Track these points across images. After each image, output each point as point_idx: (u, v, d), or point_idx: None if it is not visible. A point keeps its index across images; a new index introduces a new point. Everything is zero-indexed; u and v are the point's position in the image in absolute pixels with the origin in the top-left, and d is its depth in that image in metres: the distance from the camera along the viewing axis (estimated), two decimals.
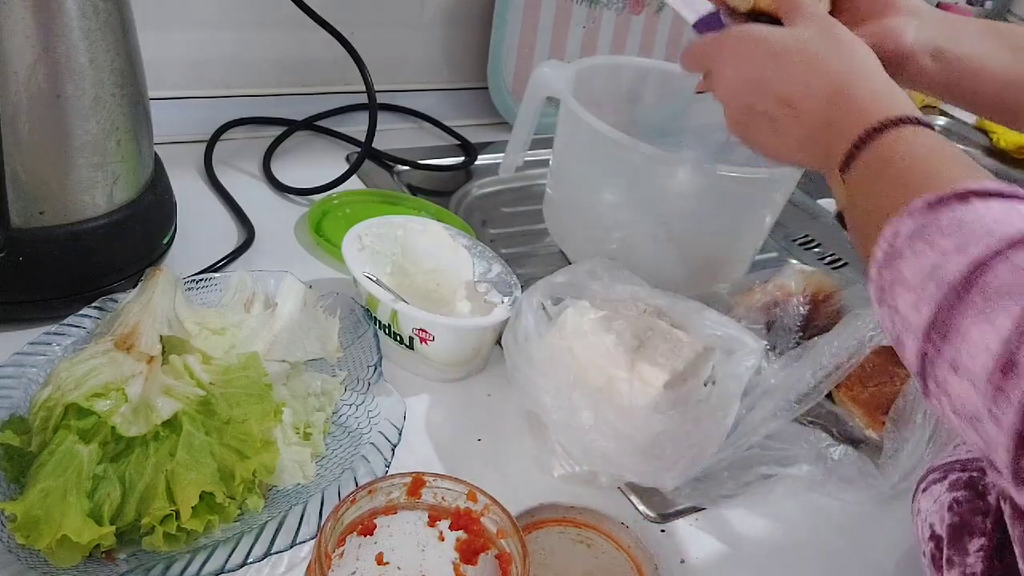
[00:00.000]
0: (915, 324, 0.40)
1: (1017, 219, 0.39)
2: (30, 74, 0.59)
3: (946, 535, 0.53)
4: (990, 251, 0.38)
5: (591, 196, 0.84)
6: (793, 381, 0.65)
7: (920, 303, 0.40)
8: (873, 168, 0.47)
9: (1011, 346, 0.36)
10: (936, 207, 0.41)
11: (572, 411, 0.59)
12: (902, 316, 0.41)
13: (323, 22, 0.82)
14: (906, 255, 0.41)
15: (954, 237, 0.40)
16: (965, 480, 0.53)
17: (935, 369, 0.40)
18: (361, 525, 0.49)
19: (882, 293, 0.43)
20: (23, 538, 0.47)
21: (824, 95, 0.52)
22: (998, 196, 0.41)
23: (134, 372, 0.54)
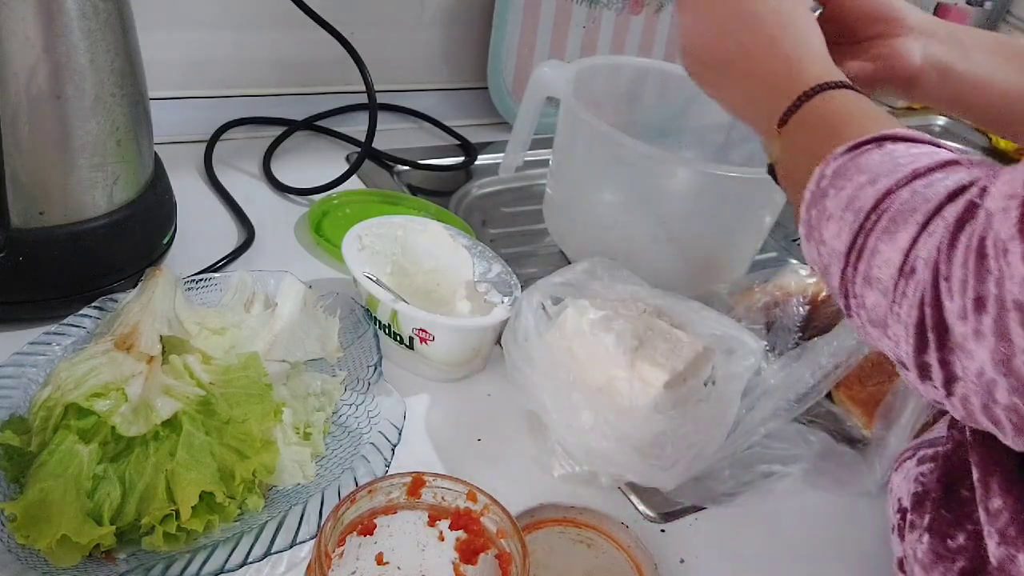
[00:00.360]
0: (838, 250, 0.46)
1: (923, 157, 0.45)
2: (30, 75, 0.59)
3: (910, 504, 0.55)
4: (897, 181, 0.44)
5: (591, 196, 0.84)
6: (792, 381, 0.65)
7: (841, 231, 0.45)
8: (808, 124, 0.52)
9: (908, 253, 0.42)
10: (856, 150, 0.47)
11: (572, 411, 0.59)
12: (828, 246, 0.47)
13: (323, 22, 0.82)
14: (830, 192, 0.47)
15: (869, 173, 0.45)
16: (931, 455, 0.56)
17: (854, 287, 0.45)
18: (361, 525, 0.49)
19: (810, 229, 0.48)
20: (23, 538, 0.47)
21: (769, 58, 0.56)
22: (910, 140, 0.46)
23: (134, 372, 0.54)
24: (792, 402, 0.64)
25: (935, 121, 1.45)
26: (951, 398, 0.42)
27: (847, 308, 0.47)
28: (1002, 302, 0.37)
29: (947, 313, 0.40)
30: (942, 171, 0.43)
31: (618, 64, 0.92)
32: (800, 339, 0.75)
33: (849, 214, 0.45)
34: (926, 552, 0.51)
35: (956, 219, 0.40)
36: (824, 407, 0.71)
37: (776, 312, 0.76)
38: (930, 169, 0.44)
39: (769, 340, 0.73)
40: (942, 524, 0.51)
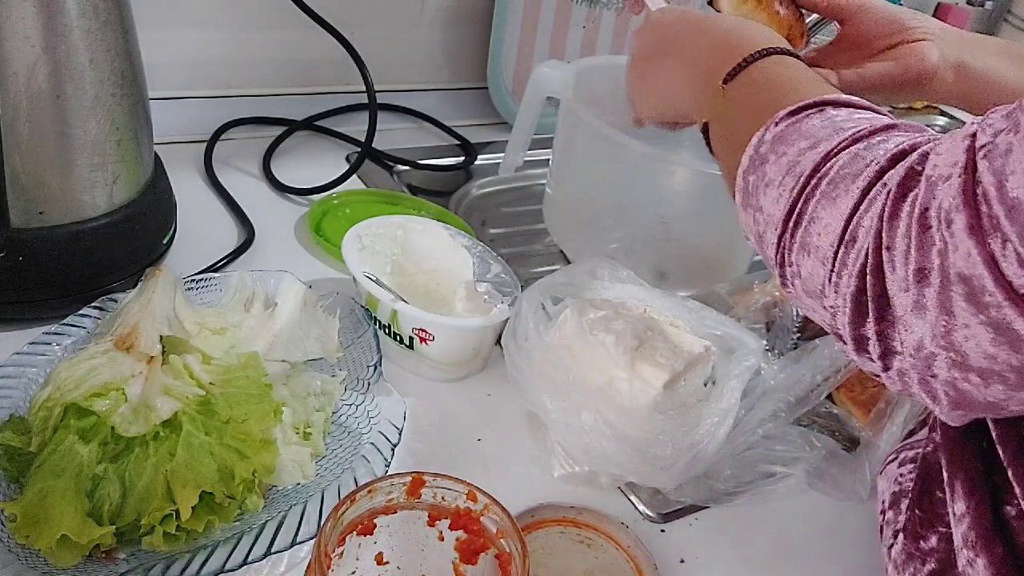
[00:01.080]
0: (775, 216, 0.45)
1: (863, 122, 0.44)
2: (30, 74, 0.59)
3: (888, 502, 0.55)
4: (836, 145, 0.43)
5: (591, 196, 0.84)
6: (792, 383, 0.65)
7: (780, 197, 0.45)
8: (754, 82, 0.53)
9: (849, 221, 0.41)
10: (797, 115, 0.46)
11: (572, 411, 0.59)
12: (765, 213, 0.46)
13: (323, 22, 0.82)
14: (770, 158, 0.46)
15: (810, 138, 0.44)
16: (911, 456, 0.56)
17: (791, 255, 0.44)
18: (361, 525, 0.49)
19: (746, 196, 0.48)
20: (23, 538, 0.47)
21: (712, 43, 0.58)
22: (851, 107, 0.46)
23: (134, 372, 0.54)
24: (792, 404, 0.64)
25: (935, 121, 1.45)
26: (888, 372, 0.41)
27: (781, 277, 0.46)
28: (945, 274, 0.36)
29: (888, 284, 0.39)
30: (883, 134, 0.43)
31: (618, 64, 0.92)
32: (800, 339, 0.75)
33: (789, 179, 0.44)
34: (899, 552, 0.51)
35: (898, 185, 0.39)
36: (826, 408, 0.71)
37: (776, 312, 0.76)
38: (871, 132, 0.43)
39: (769, 340, 0.73)
40: (915, 524, 0.51)
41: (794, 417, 0.65)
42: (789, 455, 0.64)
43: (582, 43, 1.10)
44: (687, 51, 0.60)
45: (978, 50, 0.66)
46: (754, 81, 0.53)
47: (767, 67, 0.53)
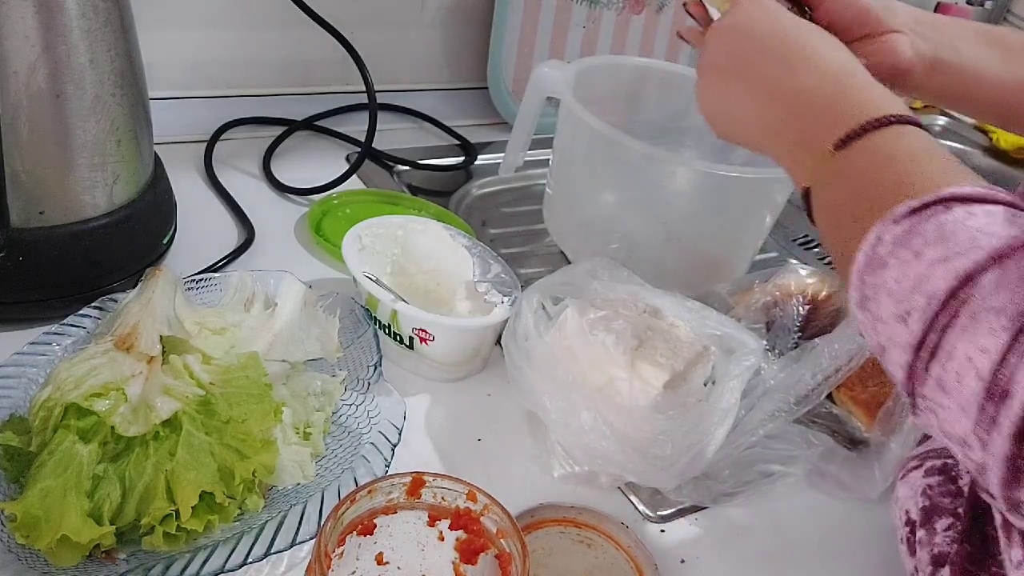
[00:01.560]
0: (902, 339, 0.40)
1: (999, 227, 0.39)
2: (30, 74, 0.59)
3: (919, 518, 0.53)
4: (975, 264, 0.37)
5: (591, 196, 0.84)
6: (793, 382, 0.65)
7: (907, 317, 0.39)
8: (874, 155, 0.47)
9: (999, 370, 0.35)
10: (921, 213, 0.41)
11: (572, 411, 0.59)
12: (888, 328, 0.41)
13: (323, 22, 0.82)
14: (890, 263, 0.41)
15: (939, 247, 0.39)
16: (939, 466, 0.54)
17: (923, 387, 0.39)
18: (361, 525, 0.49)
19: (864, 300, 0.43)
20: (23, 538, 0.47)
21: (831, 69, 0.52)
22: (980, 201, 0.40)
23: (134, 372, 0.54)
24: (792, 404, 0.64)
25: (936, 121, 1.45)
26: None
27: (913, 405, 0.41)
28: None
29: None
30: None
31: (618, 64, 0.92)
32: (800, 339, 0.75)
33: (918, 297, 0.39)
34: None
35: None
36: (825, 408, 0.71)
37: (776, 312, 0.76)
38: (1014, 249, 0.37)
39: (769, 340, 0.73)
40: (964, 559, 0.49)
41: (794, 417, 0.65)
42: (788, 454, 0.64)
43: (582, 43, 1.10)
44: (778, 82, 0.53)
45: (955, 41, 0.63)
46: (872, 155, 0.46)
47: (889, 139, 0.46)
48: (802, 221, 1.03)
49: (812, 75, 0.52)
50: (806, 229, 1.03)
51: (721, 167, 0.76)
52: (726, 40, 0.57)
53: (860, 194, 0.45)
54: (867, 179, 0.46)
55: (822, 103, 0.50)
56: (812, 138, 0.50)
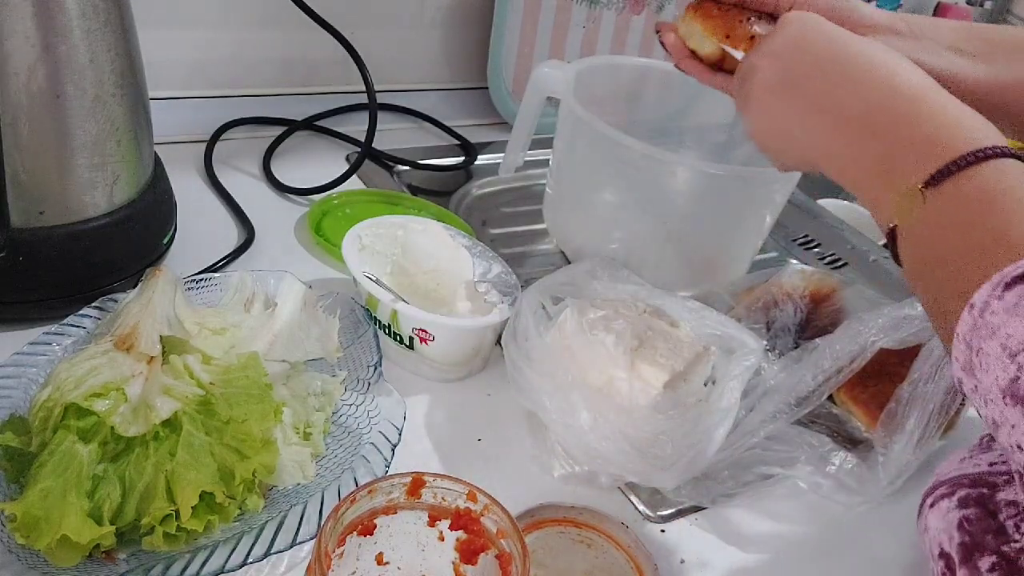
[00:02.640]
0: (1019, 423, 0.37)
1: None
2: (30, 74, 0.59)
3: (957, 555, 0.51)
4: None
5: (591, 196, 0.84)
6: (793, 383, 0.65)
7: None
8: (970, 196, 0.42)
9: None
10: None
11: (572, 411, 0.59)
12: (998, 406, 0.38)
13: (323, 22, 0.82)
14: (1000, 332, 0.37)
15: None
16: (975, 497, 0.52)
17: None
18: (361, 525, 0.49)
19: (969, 366, 0.39)
20: (23, 538, 0.47)
21: (906, 90, 0.47)
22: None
23: (134, 372, 0.54)
24: (793, 405, 0.64)
25: None
26: None
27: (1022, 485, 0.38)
28: None
29: None
30: None
31: (618, 64, 0.92)
32: (800, 339, 0.75)
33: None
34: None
35: None
36: (825, 408, 0.71)
37: (776, 312, 0.76)
38: None
39: (769, 340, 0.74)
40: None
41: (795, 418, 0.65)
42: (788, 455, 0.64)
43: (582, 43, 1.10)
44: (844, 104, 0.49)
45: (934, 44, 0.59)
46: (969, 196, 0.42)
47: (988, 177, 0.42)
48: (802, 221, 1.04)
49: (887, 95, 0.47)
50: (806, 229, 1.03)
51: (721, 167, 0.76)
52: (780, 58, 0.53)
53: (958, 242, 0.41)
54: (966, 225, 0.41)
55: (899, 128, 0.46)
56: (894, 169, 0.45)
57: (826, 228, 1.04)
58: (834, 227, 1.03)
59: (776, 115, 0.54)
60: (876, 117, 0.47)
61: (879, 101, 0.48)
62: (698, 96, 0.96)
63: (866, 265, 0.98)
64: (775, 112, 0.54)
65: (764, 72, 0.54)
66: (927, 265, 0.43)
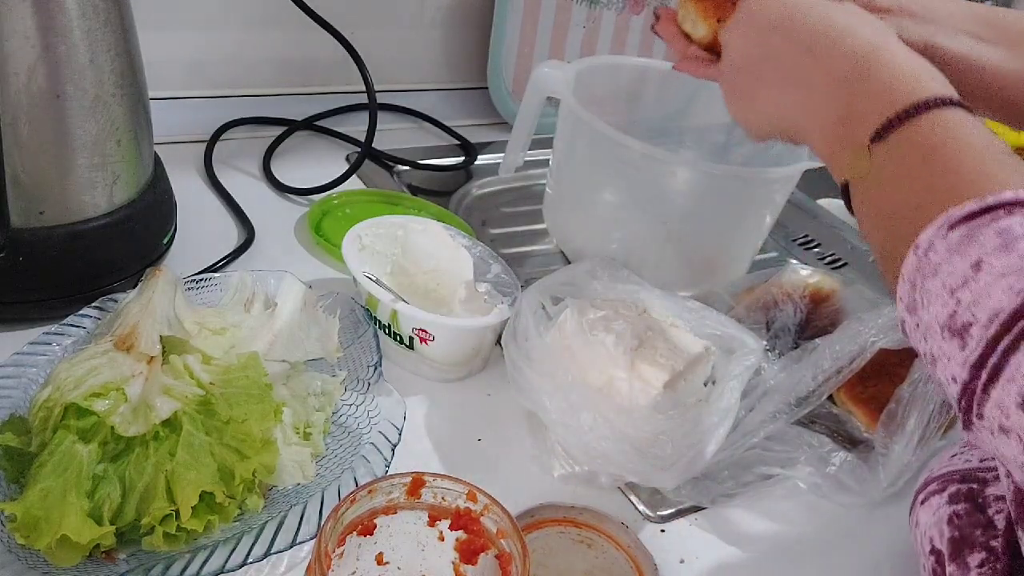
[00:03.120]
0: (956, 355, 0.37)
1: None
2: (30, 74, 0.59)
3: (947, 550, 0.51)
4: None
5: (591, 196, 0.84)
6: (793, 383, 0.65)
7: (964, 333, 0.36)
8: (919, 146, 0.42)
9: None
10: (978, 218, 0.37)
11: (571, 411, 0.59)
12: (937, 337, 0.38)
13: (323, 22, 0.82)
14: (942, 270, 0.38)
15: (1001, 258, 0.36)
16: (965, 492, 0.52)
17: (983, 408, 0.36)
18: (361, 525, 0.49)
19: (914, 305, 0.40)
20: (23, 538, 0.47)
21: (857, 50, 0.47)
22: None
23: (134, 372, 0.54)
24: (793, 405, 0.64)
25: None
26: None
27: (966, 422, 0.38)
28: None
29: None
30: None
31: (618, 64, 0.92)
32: (800, 339, 0.75)
33: (979, 312, 0.36)
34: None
35: None
36: (825, 408, 0.71)
37: (776, 312, 0.76)
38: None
39: (769, 340, 0.73)
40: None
41: (795, 418, 0.65)
42: (788, 456, 0.64)
43: (582, 43, 1.10)
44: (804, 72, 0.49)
45: (951, 27, 0.57)
46: (915, 146, 0.42)
47: (932, 126, 0.42)
48: (802, 221, 1.04)
49: (838, 58, 0.48)
50: (806, 229, 1.03)
51: (720, 167, 0.76)
52: (743, 36, 0.54)
53: (905, 192, 0.42)
54: (912, 175, 0.42)
55: (852, 88, 0.46)
56: (846, 129, 0.46)
57: (826, 228, 1.04)
58: (834, 227, 1.03)
59: (746, 92, 0.55)
60: (831, 79, 0.48)
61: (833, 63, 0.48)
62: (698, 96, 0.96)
63: (866, 265, 0.98)
64: (743, 86, 0.55)
65: (730, 48, 0.55)
66: (879, 218, 0.44)
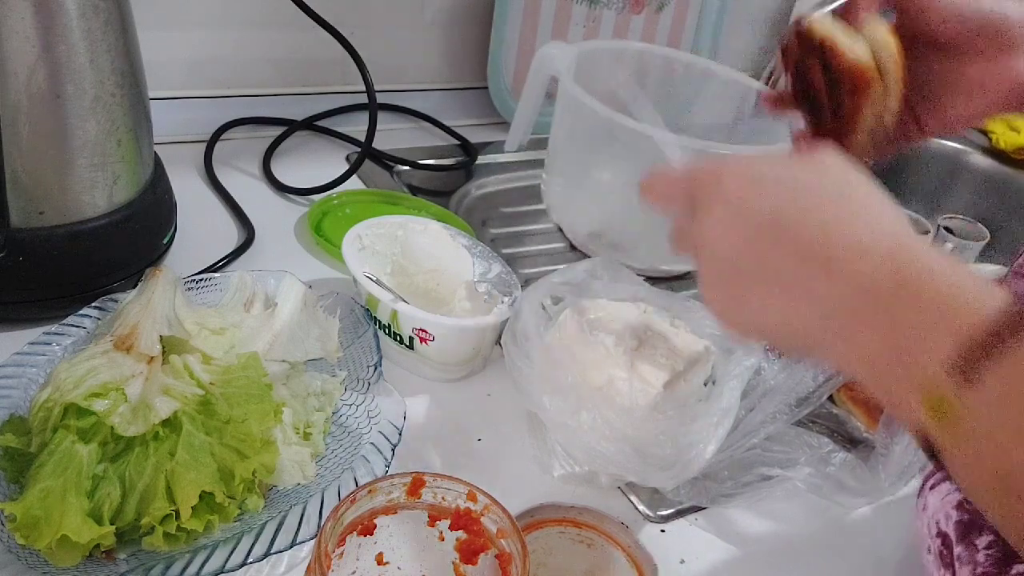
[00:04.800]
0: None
1: None
2: (30, 74, 0.59)
3: (954, 533, 0.51)
4: None
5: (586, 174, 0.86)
6: (793, 383, 0.65)
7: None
8: (1015, 383, 0.31)
9: None
10: None
11: (571, 411, 0.59)
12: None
13: (323, 22, 0.82)
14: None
15: None
16: None
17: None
18: (361, 525, 0.49)
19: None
20: (23, 538, 0.47)
21: (884, 265, 0.37)
22: None
23: (134, 372, 0.54)
24: (792, 405, 0.64)
25: None
26: None
27: None
28: None
29: None
30: None
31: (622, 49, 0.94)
32: None
33: None
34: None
35: None
36: (825, 408, 0.71)
37: None
38: None
39: None
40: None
41: (796, 419, 0.65)
42: (787, 456, 0.64)
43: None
44: (813, 286, 0.39)
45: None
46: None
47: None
48: None
49: (858, 277, 0.38)
50: None
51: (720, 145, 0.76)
52: (725, 229, 0.42)
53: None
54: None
55: (892, 313, 0.36)
56: (903, 364, 0.35)
57: None
58: None
59: (731, 287, 0.43)
60: (857, 295, 0.38)
61: (854, 281, 0.38)
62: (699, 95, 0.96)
63: None
64: (729, 284, 0.43)
65: (707, 236, 0.43)
66: (988, 476, 0.33)
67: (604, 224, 0.86)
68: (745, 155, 0.47)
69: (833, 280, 0.38)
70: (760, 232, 0.41)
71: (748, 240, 0.41)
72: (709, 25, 1.17)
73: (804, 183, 0.41)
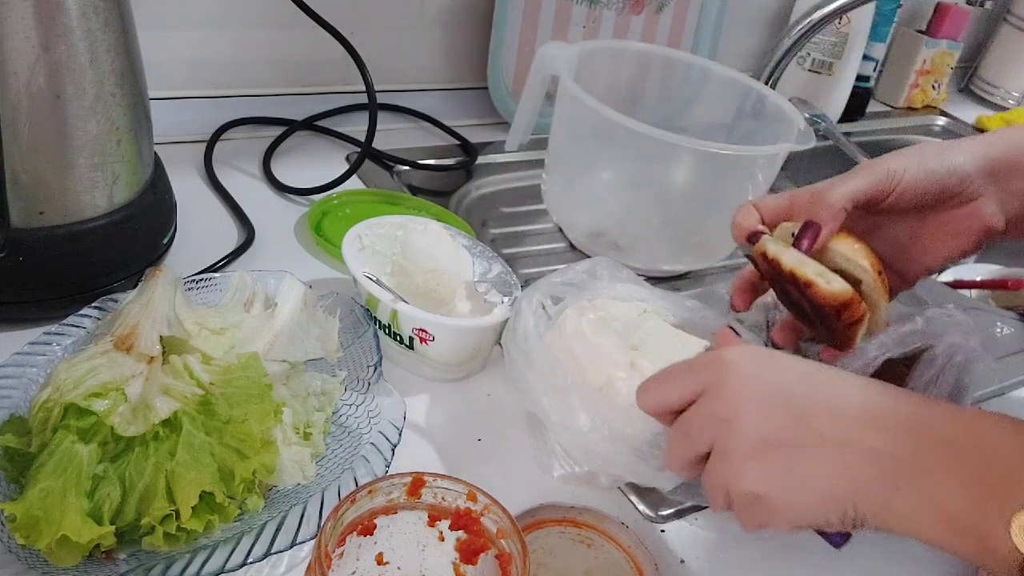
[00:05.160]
0: None
1: None
2: (30, 74, 0.59)
3: None
4: None
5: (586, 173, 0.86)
6: None
7: None
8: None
9: None
10: None
11: (571, 412, 0.59)
12: None
13: (323, 22, 0.82)
14: None
15: None
16: None
17: None
18: (361, 525, 0.49)
19: None
20: (23, 538, 0.47)
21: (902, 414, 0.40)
22: None
23: (134, 372, 0.54)
24: None
25: (935, 121, 1.45)
26: None
27: None
28: None
29: None
30: None
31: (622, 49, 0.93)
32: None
33: None
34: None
35: None
36: None
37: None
38: None
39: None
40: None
41: None
42: None
43: None
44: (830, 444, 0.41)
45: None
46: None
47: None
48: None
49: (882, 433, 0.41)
50: None
51: (716, 145, 0.76)
52: (744, 401, 0.44)
53: None
54: None
55: (959, 466, 0.38)
56: (966, 520, 0.37)
57: None
58: None
59: (775, 458, 0.43)
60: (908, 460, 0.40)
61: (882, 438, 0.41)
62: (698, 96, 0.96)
63: None
64: (773, 455, 0.43)
65: (736, 413, 0.44)
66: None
67: (604, 224, 0.86)
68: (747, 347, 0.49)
69: (866, 436, 0.40)
70: (783, 393, 0.43)
71: (773, 405, 0.43)
72: (709, 25, 1.17)
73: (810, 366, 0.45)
